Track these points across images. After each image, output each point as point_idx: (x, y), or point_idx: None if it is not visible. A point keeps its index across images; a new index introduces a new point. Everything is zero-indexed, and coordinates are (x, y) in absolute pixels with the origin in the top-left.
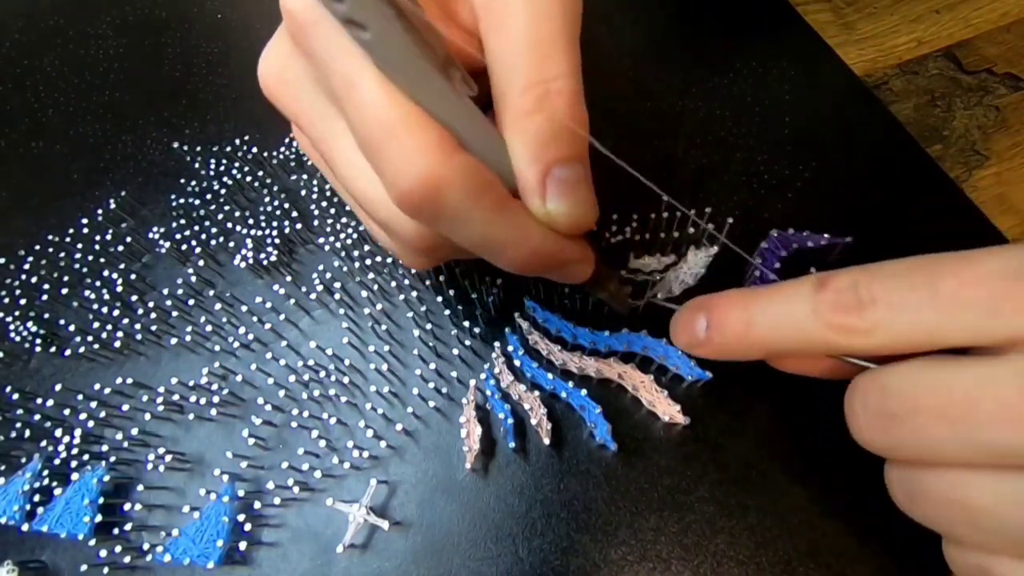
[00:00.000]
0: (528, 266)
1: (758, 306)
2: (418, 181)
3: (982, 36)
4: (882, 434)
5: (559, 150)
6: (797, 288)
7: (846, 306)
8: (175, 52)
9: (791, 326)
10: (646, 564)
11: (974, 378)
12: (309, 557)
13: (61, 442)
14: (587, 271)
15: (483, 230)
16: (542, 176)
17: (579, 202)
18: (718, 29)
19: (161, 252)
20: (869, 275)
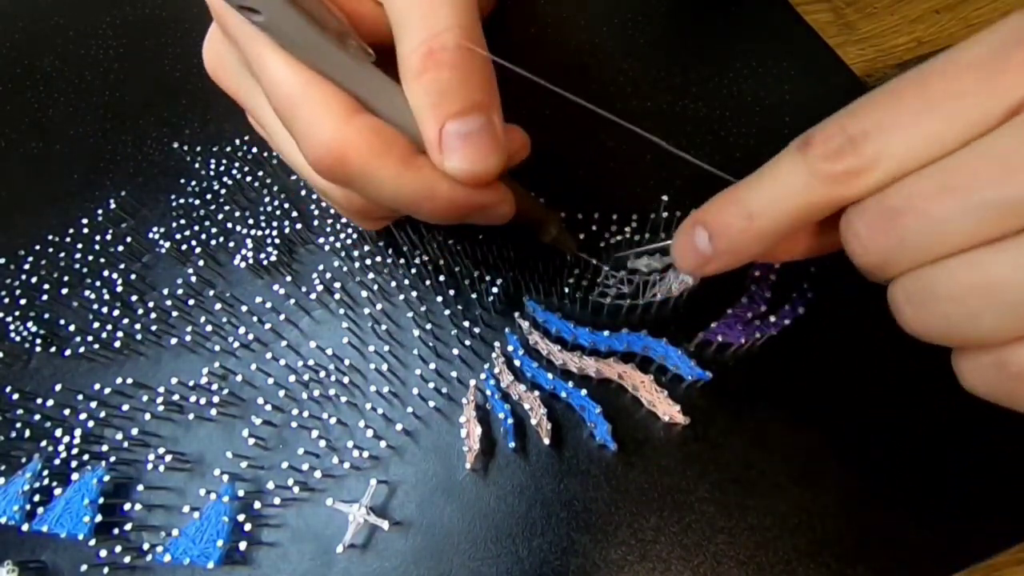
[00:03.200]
0: (448, 216)
1: (751, 194)
2: (323, 146)
3: None
4: (884, 236)
5: (450, 105)
6: (781, 159)
7: (839, 151)
8: (175, 52)
9: (792, 197)
10: (646, 564)
11: (970, 148)
12: (309, 557)
13: (61, 442)
14: (507, 211)
15: (393, 187)
16: (437, 132)
17: (477, 155)
18: (718, 29)
19: (161, 252)
20: (850, 113)
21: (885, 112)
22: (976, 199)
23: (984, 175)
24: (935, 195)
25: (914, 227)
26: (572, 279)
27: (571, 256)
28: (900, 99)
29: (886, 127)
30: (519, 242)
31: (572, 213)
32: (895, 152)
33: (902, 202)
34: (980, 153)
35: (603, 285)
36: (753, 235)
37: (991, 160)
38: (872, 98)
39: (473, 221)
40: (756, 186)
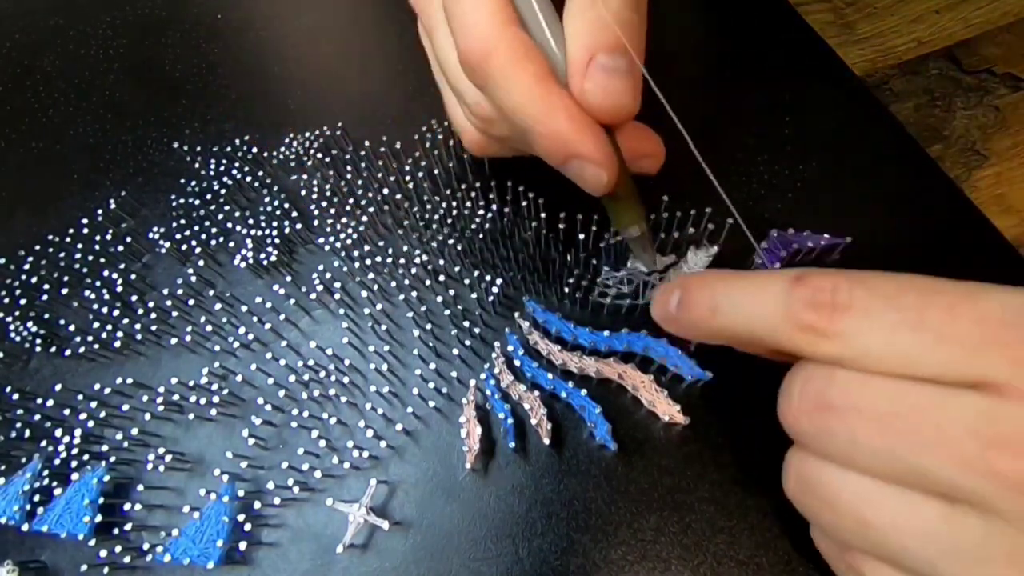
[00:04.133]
0: (552, 149)
1: (727, 292)
2: (475, 41)
3: (982, 36)
4: (810, 422)
5: (607, 39)
6: (773, 279)
7: (819, 305)
8: (175, 52)
9: (758, 317)
10: (646, 564)
11: (931, 402)
12: (309, 557)
13: (61, 442)
14: (605, 178)
15: (519, 98)
16: (586, 57)
17: (614, 90)
18: (718, 29)
19: (161, 252)
20: (853, 280)
21: (878, 301)
22: (907, 458)
23: (927, 442)
24: (874, 426)
25: (838, 436)
26: (572, 279)
27: (644, 267)
28: (898, 303)
29: (871, 315)
30: (519, 242)
31: (572, 213)
32: (866, 342)
33: (841, 403)
34: (937, 418)
35: (603, 285)
36: (710, 327)
37: (941, 433)
38: (882, 280)
39: (571, 175)
40: (737, 287)
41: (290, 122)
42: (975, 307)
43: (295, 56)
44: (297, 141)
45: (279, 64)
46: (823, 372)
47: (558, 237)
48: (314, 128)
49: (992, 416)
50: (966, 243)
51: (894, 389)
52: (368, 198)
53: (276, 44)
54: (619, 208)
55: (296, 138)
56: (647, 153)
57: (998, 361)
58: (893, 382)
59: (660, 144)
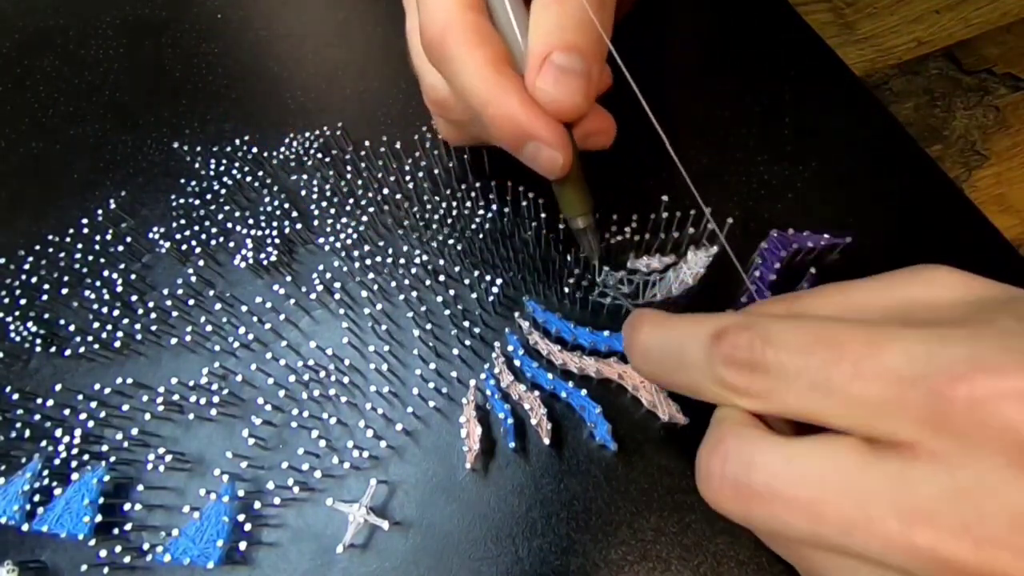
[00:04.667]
0: (505, 132)
1: (657, 342)
2: (435, 23)
3: (982, 36)
4: (734, 505)
5: (567, 39)
6: (696, 330)
7: (739, 364)
8: (175, 52)
9: (684, 367)
10: (646, 564)
11: (850, 477)
12: (309, 557)
13: (61, 442)
14: (560, 161)
15: (471, 79)
16: (543, 54)
17: (565, 88)
18: (718, 29)
19: (161, 252)
20: (766, 337)
21: (791, 363)
22: (827, 534)
23: (843, 516)
24: (794, 509)
25: (765, 519)
26: (572, 279)
27: (587, 257)
28: (808, 362)
29: (787, 376)
30: (519, 242)
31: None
32: (785, 402)
33: (764, 491)
34: (848, 485)
35: (603, 285)
36: (645, 374)
37: (853, 501)
38: (792, 335)
39: (526, 158)
40: (662, 333)
41: (290, 122)
42: (878, 362)
43: (295, 56)
44: (297, 141)
45: (279, 64)
46: (742, 454)
47: (558, 237)
48: (314, 128)
49: (907, 482)
50: (966, 243)
51: (814, 468)
52: (368, 198)
53: (276, 44)
54: (568, 196)
55: (296, 138)
56: (597, 130)
57: (903, 421)
58: (813, 459)
59: (610, 119)
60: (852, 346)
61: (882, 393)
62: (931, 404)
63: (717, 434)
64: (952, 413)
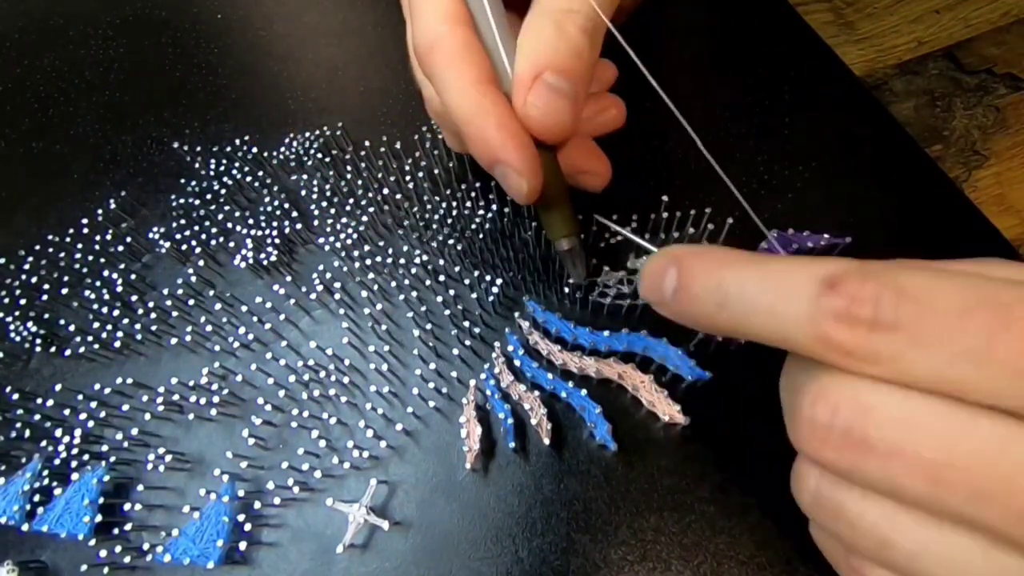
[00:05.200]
0: (479, 150)
1: (739, 285)
2: (422, 34)
3: (982, 36)
4: (839, 455)
5: (559, 60)
6: (798, 275)
7: (855, 320)
8: (175, 52)
9: (777, 322)
10: (646, 564)
11: (991, 446)
12: (309, 557)
13: (61, 442)
14: (526, 190)
15: (455, 95)
16: (533, 73)
17: (555, 109)
18: (718, 29)
19: (161, 252)
20: (901, 290)
21: (936, 327)
22: (951, 501)
23: (974, 485)
24: (916, 469)
25: (874, 472)
26: (572, 279)
27: (574, 279)
28: (962, 327)
29: (925, 340)
30: (519, 242)
31: None
32: (914, 370)
33: (882, 445)
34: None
35: (603, 285)
36: (715, 324)
37: (991, 472)
38: (939, 293)
39: (497, 178)
40: (754, 279)
41: (290, 122)
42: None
43: (295, 56)
44: (297, 141)
45: (279, 64)
46: (858, 403)
47: None
48: (314, 128)
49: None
50: (966, 243)
51: (949, 431)
52: (368, 198)
53: (276, 44)
54: (550, 219)
55: (296, 138)
56: (590, 170)
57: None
58: (948, 422)
59: (606, 163)
60: (1022, 309)
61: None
62: None
63: (820, 381)
64: None
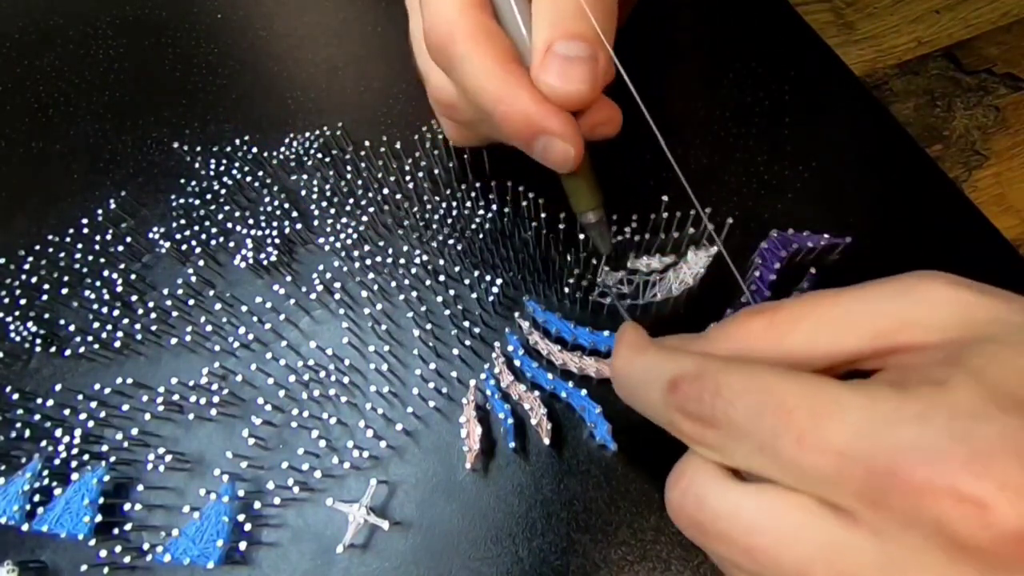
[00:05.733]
0: (516, 128)
1: (632, 372)
2: (439, 21)
3: (982, 36)
4: (690, 532)
5: (568, 27)
6: (656, 374)
7: (689, 415)
8: (175, 52)
9: (649, 411)
10: (646, 564)
11: (790, 532)
12: (309, 557)
13: (61, 442)
14: (571, 153)
15: (480, 78)
16: (546, 45)
17: (571, 77)
18: (718, 29)
19: (161, 252)
20: (719, 390)
21: (738, 422)
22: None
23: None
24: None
25: (711, 547)
26: (572, 279)
27: (596, 252)
28: (755, 425)
29: (735, 434)
30: (519, 242)
31: (572, 213)
32: (734, 458)
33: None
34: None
35: (603, 285)
36: (622, 394)
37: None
38: (744, 393)
39: (537, 153)
40: (635, 371)
41: (290, 122)
42: (822, 436)
43: (295, 56)
44: (297, 141)
45: (279, 64)
46: (698, 491)
47: (558, 237)
48: (314, 128)
49: (842, 547)
50: (966, 243)
51: (757, 516)
52: (368, 198)
53: (276, 44)
54: (579, 190)
55: (296, 138)
56: (604, 119)
57: (843, 493)
58: (756, 509)
59: (615, 107)
60: (798, 414)
61: (824, 465)
62: (870, 483)
63: (682, 466)
64: (889, 496)
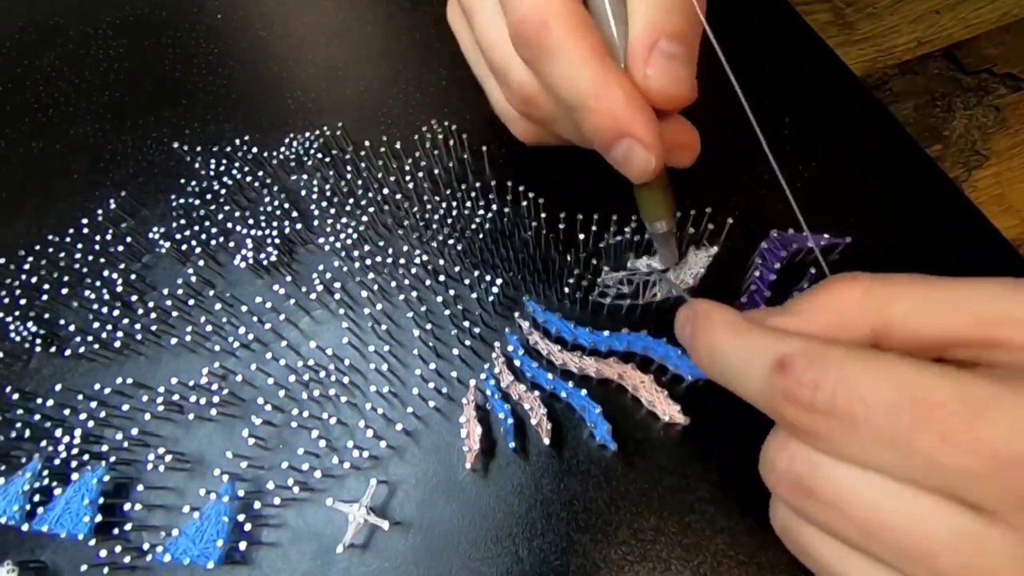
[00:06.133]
0: (601, 130)
1: (722, 350)
2: (531, 10)
3: (982, 36)
4: (791, 496)
5: (672, 25)
6: (759, 353)
7: (798, 402)
8: (175, 52)
9: (746, 387)
10: (646, 564)
11: (914, 514)
12: (309, 557)
13: (61, 442)
14: (650, 161)
15: (573, 71)
16: (651, 42)
17: (675, 76)
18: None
19: (161, 252)
20: (839, 380)
21: (865, 417)
22: (878, 551)
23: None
24: (850, 522)
25: (817, 515)
26: (572, 279)
27: (664, 263)
28: (888, 421)
29: (855, 425)
30: (519, 242)
31: (572, 213)
32: (845, 451)
33: (823, 497)
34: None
35: (603, 285)
36: (711, 374)
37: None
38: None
39: (616, 157)
40: (729, 349)
41: (290, 122)
42: (973, 435)
43: (295, 56)
44: (297, 141)
45: (279, 64)
46: (809, 458)
47: (558, 237)
48: (314, 128)
49: (977, 539)
50: (966, 243)
51: (878, 494)
52: (368, 198)
53: (276, 44)
54: (652, 200)
55: (296, 138)
56: (684, 144)
57: (990, 494)
58: (878, 487)
59: (697, 137)
60: (944, 411)
61: (973, 465)
62: None
63: (780, 431)
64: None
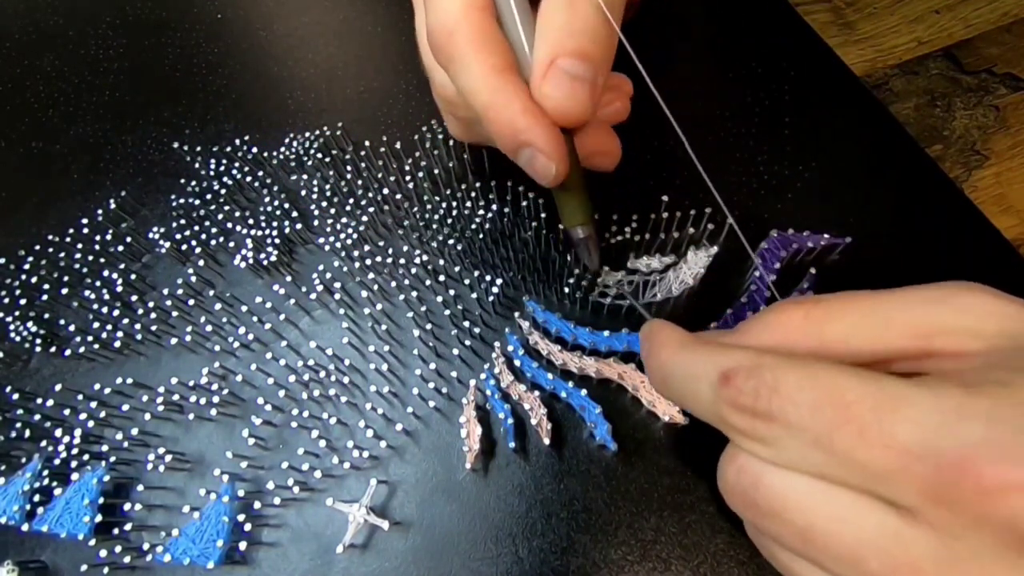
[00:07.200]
0: (503, 136)
1: (672, 367)
2: (441, 20)
3: (982, 36)
4: (742, 510)
5: (574, 44)
6: (705, 367)
7: (742, 409)
8: (175, 52)
9: (694, 405)
10: (646, 564)
11: (845, 517)
12: (309, 557)
13: (61, 442)
14: (550, 168)
15: (475, 81)
16: (549, 60)
17: (571, 95)
18: (718, 29)
19: (161, 252)
20: (776, 385)
21: (795, 417)
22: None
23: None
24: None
25: (764, 527)
26: (572, 279)
27: (584, 269)
28: (813, 419)
29: (787, 431)
30: (519, 242)
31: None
32: (784, 455)
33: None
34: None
35: (603, 285)
36: (666, 394)
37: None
38: (800, 388)
39: (522, 163)
40: (678, 366)
41: (290, 122)
42: (885, 431)
43: (295, 56)
44: (297, 141)
45: (279, 64)
46: (753, 471)
47: (558, 237)
48: (314, 128)
49: (900, 539)
50: (966, 243)
51: (813, 500)
52: (368, 198)
53: (276, 44)
54: (568, 205)
55: (296, 138)
56: (603, 151)
57: (906, 490)
58: (812, 493)
59: (617, 142)
60: (859, 408)
61: (886, 462)
62: (936, 481)
63: (735, 447)
64: (957, 494)
